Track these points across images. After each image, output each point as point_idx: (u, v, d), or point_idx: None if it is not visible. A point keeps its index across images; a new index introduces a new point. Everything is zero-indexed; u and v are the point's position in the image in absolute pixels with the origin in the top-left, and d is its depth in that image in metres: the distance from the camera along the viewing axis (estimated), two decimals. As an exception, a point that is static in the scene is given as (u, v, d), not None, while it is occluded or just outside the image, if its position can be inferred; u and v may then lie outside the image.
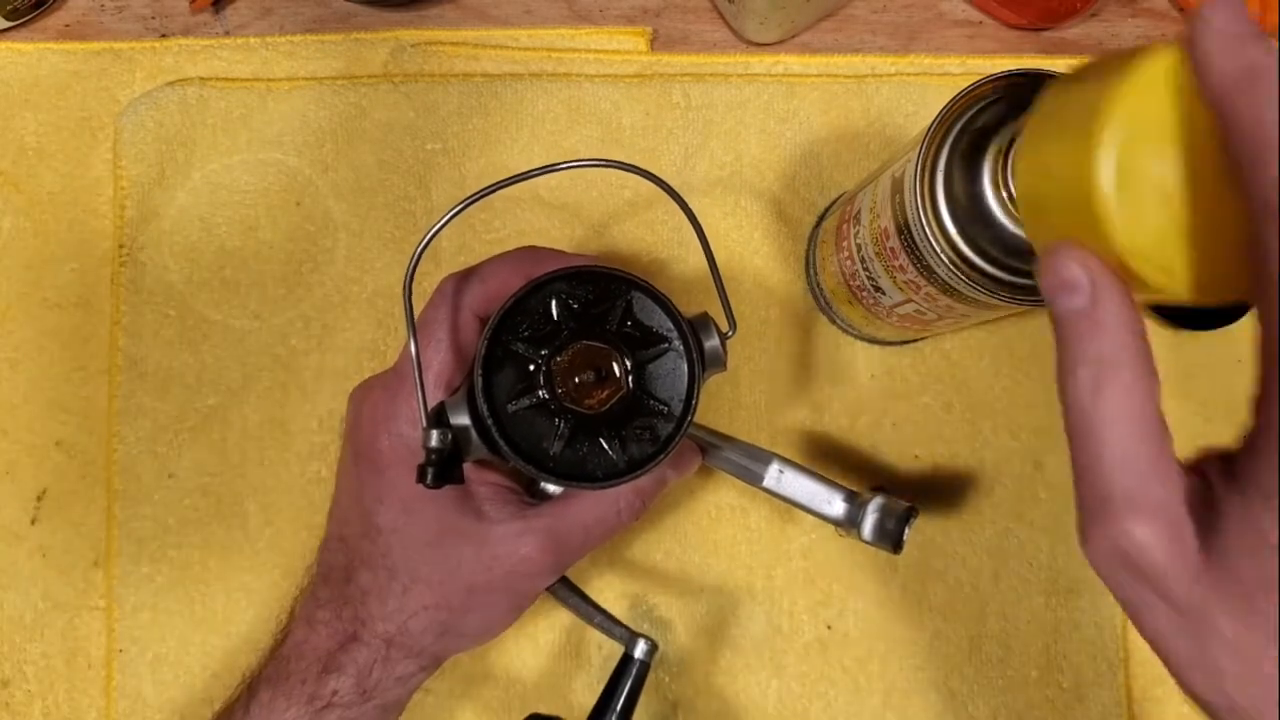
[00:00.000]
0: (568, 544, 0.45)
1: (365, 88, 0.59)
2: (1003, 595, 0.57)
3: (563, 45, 0.61)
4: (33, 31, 0.61)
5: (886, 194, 0.44)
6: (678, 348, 0.40)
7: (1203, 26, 0.28)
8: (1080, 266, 0.31)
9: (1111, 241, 0.29)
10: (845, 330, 0.58)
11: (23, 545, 0.57)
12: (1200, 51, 0.28)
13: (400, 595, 0.45)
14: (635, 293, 0.40)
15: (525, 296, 0.39)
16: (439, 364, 0.44)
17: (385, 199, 0.59)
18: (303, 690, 0.45)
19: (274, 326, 0.58)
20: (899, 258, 0.44)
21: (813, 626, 0.57)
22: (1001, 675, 0.56)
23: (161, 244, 0.58)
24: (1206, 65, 0.28)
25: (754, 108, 0.59)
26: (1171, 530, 0.30)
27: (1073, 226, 0.31)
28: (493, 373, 0.39)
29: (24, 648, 0.56)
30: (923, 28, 0.61)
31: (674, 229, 0.58)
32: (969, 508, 0.57)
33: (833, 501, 0.48)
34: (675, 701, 0.56)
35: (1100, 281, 0.31)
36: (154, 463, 0.57)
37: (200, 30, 0.61)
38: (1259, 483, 0.28)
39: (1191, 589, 0.30)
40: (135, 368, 0.57)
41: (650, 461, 0.39)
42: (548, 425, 0.39)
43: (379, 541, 0.45)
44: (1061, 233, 0.32)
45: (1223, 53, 0.28)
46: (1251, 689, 0.30)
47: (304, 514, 0.57)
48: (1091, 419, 0.31)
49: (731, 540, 0.57)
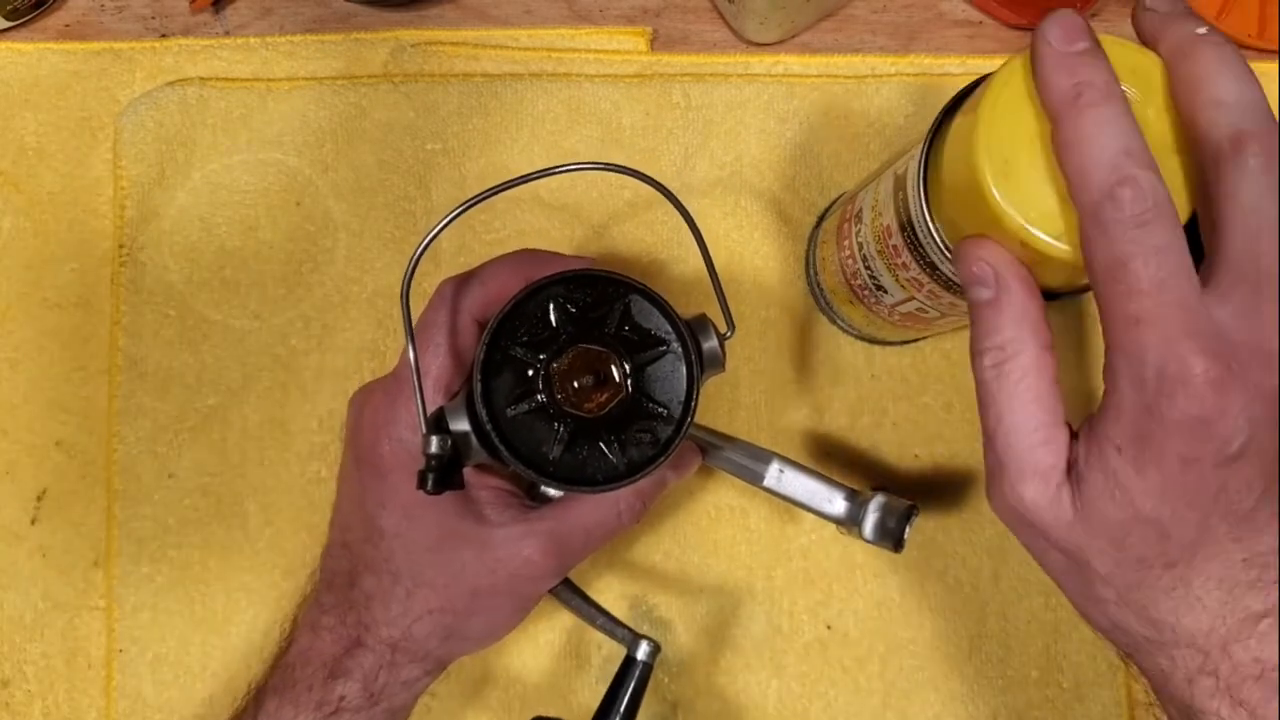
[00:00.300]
0: (569, 546, 0.46)
1: (365, 88, 0.59)
2: (1003, 595, 0.57)
3: (563, 45, 0.61)
4: (33, 31, 0.61)
5: (889, 192, 0.44)
6: (676, 350, 0.40)
7: (1040, 43, 0.33)
8: (987, 262, 0.36)
9: (1008, 228, 0.34)
10: (845, 330, 0.58)
11: (23, 545, 0.57)
12: (1037, 66, 0.33)
13: (404, 600, 0.45)
14: (633, 296, 0.40)
15: (523, 301, 0.39)
16: (438, 369, 0.44)
17: (385, 199, 0.59)
18: (310, 697, 0.45)
19: (274, 326, 0.58)
20: (901, 255, 0.44)
21: (813, 626, 0.57)
22: (1001, 675, 0.56)
23: (161, 244, 0.58)
24: (1043, 81, 0.33)
25: (754, 108, 0.59)
26: (1054, 491, 0.35)
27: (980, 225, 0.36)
28: (491, 378, 0.39)
29: (24, 648, 0.56)
30: (923, 28, 0.61)
31: (674, 230, 0.58)
32: (969, 507, 0.57)
33: (834, 500, 0.48)
34: (675, 702, 0.56)
35: (1004, 275, 0.35)
36: (154, 463, 0.57)
37: (200, 30, 0.61)
38: (1109, 434, 0.33)
39: (1070, 535, 0.35)
40: (135, 368, 0.57)
41: (650, 464, 0.39)
42: (547, 429, 0.39)
43: (382, 546, 0.45)
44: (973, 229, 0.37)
45: (1056, 69, 0.33)
46: (1127, 613, 0.36)
47: (304, 514, 0.57)
48: (994, 396, 0.36)
49: (731, 540, 0.57)
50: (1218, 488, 0.33)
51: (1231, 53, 0.33)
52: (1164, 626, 0.35)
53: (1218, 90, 0.32)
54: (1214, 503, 0.33)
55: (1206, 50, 0.33)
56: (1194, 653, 0.35)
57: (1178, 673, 0.35)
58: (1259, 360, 0.32)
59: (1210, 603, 0.34)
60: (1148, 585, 0.35)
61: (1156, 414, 0.32)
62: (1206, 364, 0.31)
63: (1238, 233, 0.32)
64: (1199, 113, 0.33)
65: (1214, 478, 0.33)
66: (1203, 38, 0.33)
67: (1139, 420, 0.33)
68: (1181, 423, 0.32)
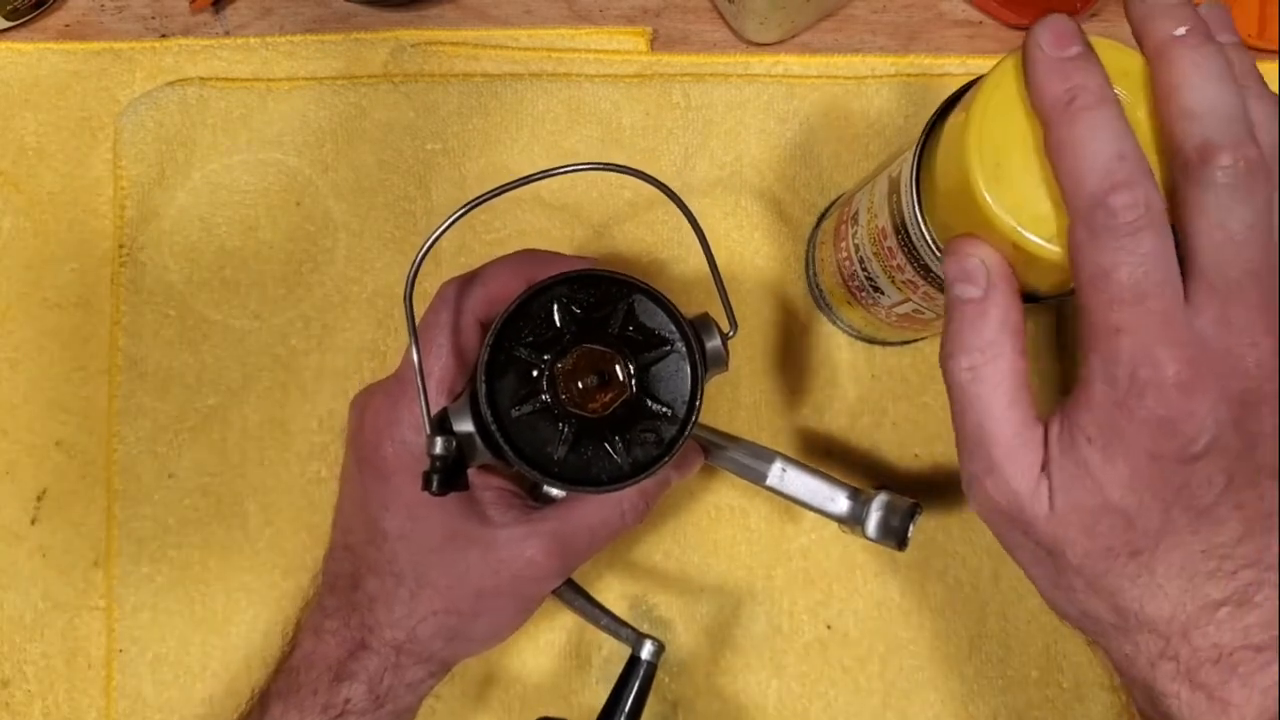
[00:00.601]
0: (573, 546, 0.46)
1: (365, 88, 0.59)
2: (1003, 595, 0.57)
3: (563, 45, 0.61)
4: (33, 31, 0.61)
5: (883, 194, 0.45)
6: (680, 349, 0.40)
7: (1032, 48, 0.34)
8: (981, 260, 0.36)
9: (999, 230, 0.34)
10: (845, 331, 0.58)
11: (23, 545, 0.57)
12: (1029, 71, 0.34)
13: (408, 601, 0.45)
14: (637, 295, 0.40)
15: (527, 301, 0.39)
16: (441, 370, 0.44)
17: (385, 199, 0.59)
18: (315, 700, 0.45)
19: (274, 326, 0.58)
20: (896, 257, 0.44)
21: (813, 626, 0.57)
22: (1001, 675, 0.56)
23: (161, 244, 0.58)
24: (1035, 86, 0.33)
25: (754, 108, 0.59)
26: (1031, 485, 0.36)
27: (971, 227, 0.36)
28: (496, 378, 0.39)
29: (24, 648, 0.56)
30: (923, 28, 0.61)
31: (674, 229, 0.58)
32: (969, 507, 0.57)
33: (836, 499, 0.48)
34: (675, 701, 0.56)
35: (995, 276, 0.36)
36: (154, 463, 0.57)
37: (200, 30, 0.61)
38: (1081, 423, 0.35)
39: (1047, 527, 0.36)
40: (135, 368, 0.57)
41: (655, 463, 0.39)
42: (551, 430, 0.39)
43: (385, 548, 0.45)
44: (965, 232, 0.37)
45: (1049, 75, 0.33)
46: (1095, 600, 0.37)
47: (304, 514, 0.57)
48: (971, 402, 0.37)
49: (731, 541, 0.57)
50: (1181, 483, 0.34)
51: (1208, 55, 0.33)
52: (1129, 614, 0.36)
53: (1188, 100, 0.32)
54: (1176, 496, 0.34)
55: (1182, 54, 0.33)
56: (1156, 638, 0.36)
57: (1141, 657, 0.37)
58: (1227, 365, 0.33)
59: (1172, 590, 0.35)
60: (1114, 573, 0.36)
61: (1126, 410, 0.33)
62: (1178, 368, 0.32)
63: (1206, 246, 0.32)
64: (1171, 123, 0.33)
65: (1177, 474, 0.34)
66: (1180, 40, 0.33)
67: (1110, 414, 0.34)
68: (1149, 421, 0.33)
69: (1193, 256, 0.33)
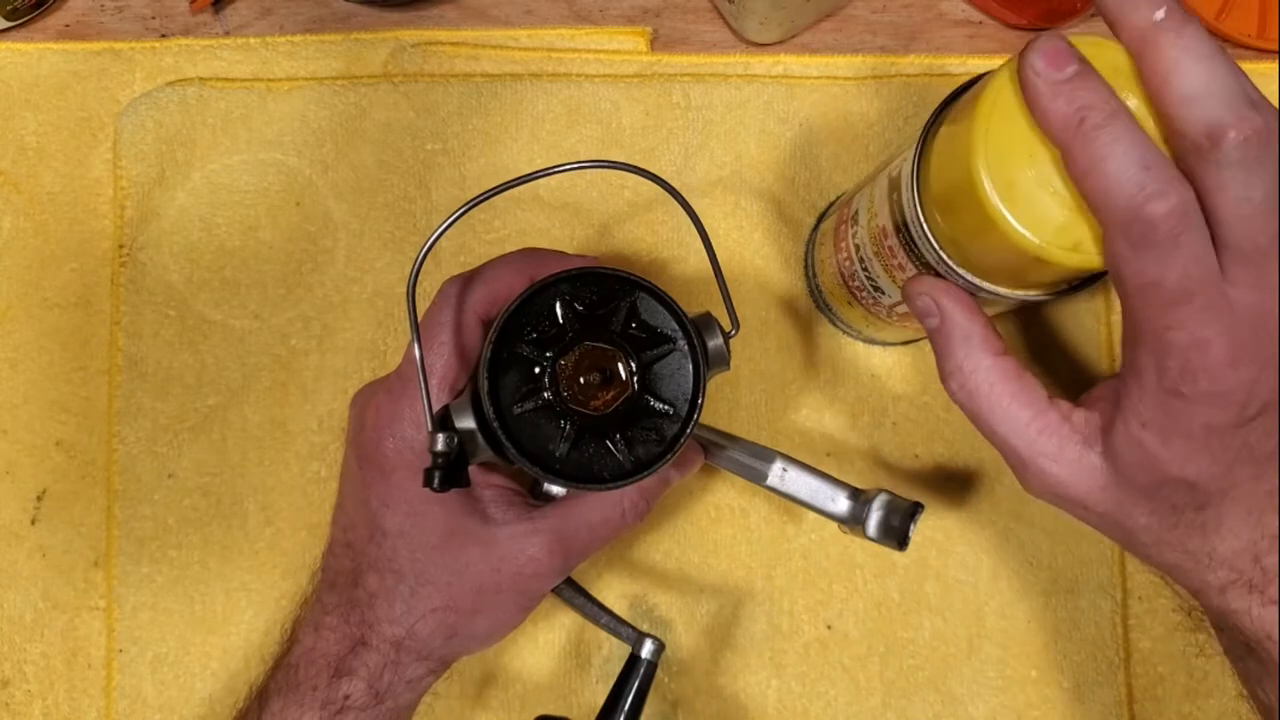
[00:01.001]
0: (574, 545, 0.46)
1: (365, 88, 0.59)
2: (1002, 595, 0.57)
3: (563, 45, 0.61)
4: (33, 31, 0.61)
5: (884, 193, 0.45)
6: (682, 348, 0.40)
7: (1028, 74, 0.34)
8: (927, 295, 0.40)
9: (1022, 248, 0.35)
10: (845, 331, 0.58)
11: (23, 545, 0.57)
12: (1032, 96, 0.34)
13: (408, 598, 0.45)
14: (639, 293, 0.40)
15: (530, 299, 0.39)
16: (442, 367, 0.44)
17: (385, 199, 0.59)
18: (315, 696, 0.45)
19: (274, 326, 0.58)
20: (897, 256, 0.44)
21: (813, 626, 0.57)
22: (1000, 675, 0.56)
23: (161, 244, 0.58)
24: (1042, 111, 0.34)
25: (754, 108, 0.59)
26: (1072, 465, 0.39)
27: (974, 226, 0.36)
28: (498, 375, 0.39)
29: (24, 648, 0.56)
30: (923, 28, 0.61)
31: (674, 229, 0.59)
32: (968, 507, 0.57)
33: (837, 499, 0.48)
34: (675, 701, 0.56)
35: (941, 301, 0.40)
36: (154, 463, 0.57)
37: (200, 30, 0.61)
38: (1134, 410, 0.36)
39: (1104, 499, 0.39)
40: (135, 368, 0.57)
41: (657, 462, 0.39)
42: (553, 427, 0.39)
43: (385, 545, 0.45)
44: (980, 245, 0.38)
45: (1053, 99, 0.33)
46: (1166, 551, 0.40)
47: (304, 514, 0.57)
48: (974, 410, 0.40)
49: (731, 540, 0.57)
50: (1240, 444, 0.36)
51: (1192, 37, 0.33)
52: (1200, 555, 0.39)
53: (1184, 84, 0.32)
54: (1237, 456, 0.36)
55: (1167, 39, 0.33)
56: (1228, 570, 0.39)
57: (1212, 586, 0.39)
58: (1269, 328, 0.34)
59: (1240, 529, 0.38)
60: (1183, 526, 0.39)
61: (1180, 395, 0.35)
62: (1224, 344, 0.34)
63: (1233, 219, 0.33)
64: (1171, 109, 0.33)
65: (1235, 436, 0.36)
66: (1161, 25, 0.33)
67: (1164, 400, 0.35)
68: (1202, 398, 0.35)
69: (1221, 231, 0.33)
